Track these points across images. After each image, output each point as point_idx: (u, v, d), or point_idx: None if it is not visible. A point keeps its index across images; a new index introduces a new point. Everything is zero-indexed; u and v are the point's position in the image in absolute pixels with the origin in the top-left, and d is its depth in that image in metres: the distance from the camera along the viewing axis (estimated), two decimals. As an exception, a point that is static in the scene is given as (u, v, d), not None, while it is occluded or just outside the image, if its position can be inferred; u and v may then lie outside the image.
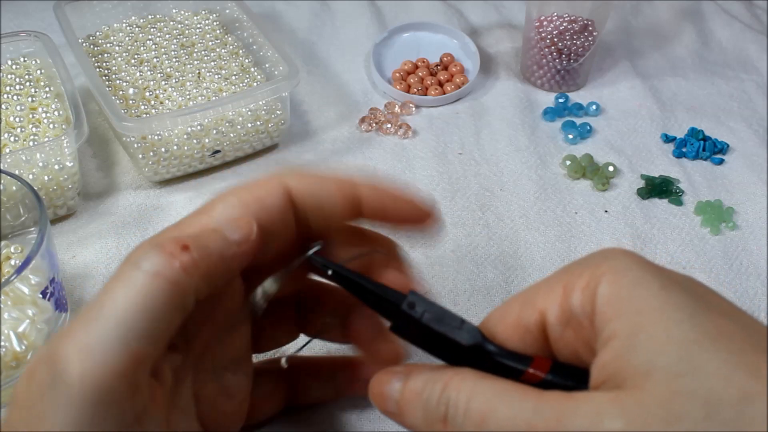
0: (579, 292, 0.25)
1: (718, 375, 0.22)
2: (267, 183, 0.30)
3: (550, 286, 0.27)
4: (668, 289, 0.24)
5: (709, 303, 0.25)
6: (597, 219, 0.53)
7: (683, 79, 0.66)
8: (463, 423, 0.25)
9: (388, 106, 0.60)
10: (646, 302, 0.24)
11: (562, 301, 0.26)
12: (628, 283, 0.25)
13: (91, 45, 0.58)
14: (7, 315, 0.38)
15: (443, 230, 0.30)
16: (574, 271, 0.26)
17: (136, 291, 0.25)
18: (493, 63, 0.66)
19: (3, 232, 0.45)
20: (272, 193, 0.30)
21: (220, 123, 0.52)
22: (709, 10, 0.75)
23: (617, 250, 0.27)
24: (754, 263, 0.50)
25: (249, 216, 0.29)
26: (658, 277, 0.25)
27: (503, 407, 0.25)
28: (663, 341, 0.23)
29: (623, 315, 0.24)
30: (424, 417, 0.27)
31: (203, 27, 0.61)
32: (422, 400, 0.27)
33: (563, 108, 0.61)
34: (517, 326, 0.27)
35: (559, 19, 0.60)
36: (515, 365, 0.26)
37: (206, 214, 0.30)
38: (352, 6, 0.72)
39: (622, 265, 0.25)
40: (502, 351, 0.27)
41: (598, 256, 0.27)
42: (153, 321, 0.25)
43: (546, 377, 0.26)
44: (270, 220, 0.30)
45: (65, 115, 0.51)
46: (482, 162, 0.57)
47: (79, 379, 0.24)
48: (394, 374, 0.29)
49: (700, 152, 0.58)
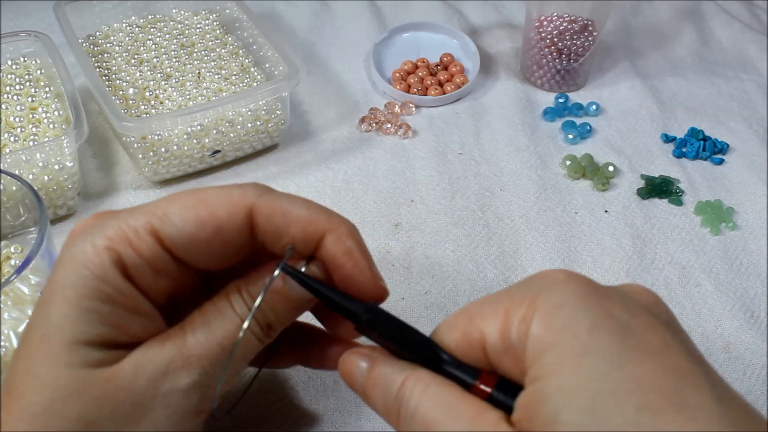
0: (516, 324, 0.26)
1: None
2: (230, 201, 0.30)
3: (493, 310, 0.27)
4: (596, 331, 0.24)
5: (637, 343, 0.24)
6: (597, 219, 0.53)
7: (683, 79, 0.66)
8: (410, 425, 0.27)
9: (388, 106, 0.60)
10: (570, 348, 0.24)
11: (501, 328, 0.26)
12: (556, 325, 0.25)
13: (91, 45, 0.58)
14: (7, 315, 0.38)
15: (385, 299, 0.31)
16: (516, 297, 0.26)
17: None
18: (493, 63, 0.66)
19: (3, 232, 0.45)
20: (232, 214, 0.29)
21: (220, 123, 0.52)
22: (709, 10, 0.75)
23: (559, 277, 0.26)
24: (754, 263, 0.50)
25: (202, 231, 0.29)
26: (591, 316, 0.25)
27: (444, 420, 0.26)
28: (573, 392, 0.23)
29: (546, 359, 0.24)
30: (384, 407, 0.28)
31: (203, 27, 0.61)
32: (383, 390, 0.28)
33: (563, 108, 0.61)
34: (462, 340, 0.28)
35: (559, 19, 0.60)
36: (464, 377, 0.27)
37: (159, 214, 0.29)
38: (352, 6, 0.72)
39: (556, 301, 0.25)
40: (453, 361, 0.28)
41: (539, 282, 0.27)
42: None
43: (492, 393, 0.27)
44: (222, 237, 0.29)
45: (65, 115, 0.51)
46: (482, 162, 0.57)
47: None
48: (361, 356, 0.30)
49: (700, 152, 0.58)
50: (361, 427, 0.39)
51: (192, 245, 0.29)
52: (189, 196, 0.30)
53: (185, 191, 0.30)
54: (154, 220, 0.29)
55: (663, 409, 0.22)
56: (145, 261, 0.29)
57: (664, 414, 0.22)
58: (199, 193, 0.30)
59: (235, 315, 0.30)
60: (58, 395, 0.27)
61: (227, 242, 0.30)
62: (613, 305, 0.25)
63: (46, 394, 0.27)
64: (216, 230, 0.29)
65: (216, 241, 0.29)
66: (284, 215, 0.29)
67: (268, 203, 0.29)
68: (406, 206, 0.53)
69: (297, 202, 0.30)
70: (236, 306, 0.30)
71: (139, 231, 0.29)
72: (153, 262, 0.29)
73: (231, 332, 0.29)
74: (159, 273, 0.29)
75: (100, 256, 0.28)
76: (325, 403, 0.40)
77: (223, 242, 0.29)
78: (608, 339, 0.24)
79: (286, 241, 0.30)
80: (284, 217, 0.29)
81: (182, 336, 0.29)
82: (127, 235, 0.28)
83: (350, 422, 0.40)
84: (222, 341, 0.29)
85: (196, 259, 0.30)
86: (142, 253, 0.29)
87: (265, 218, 0.29)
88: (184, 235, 0.29)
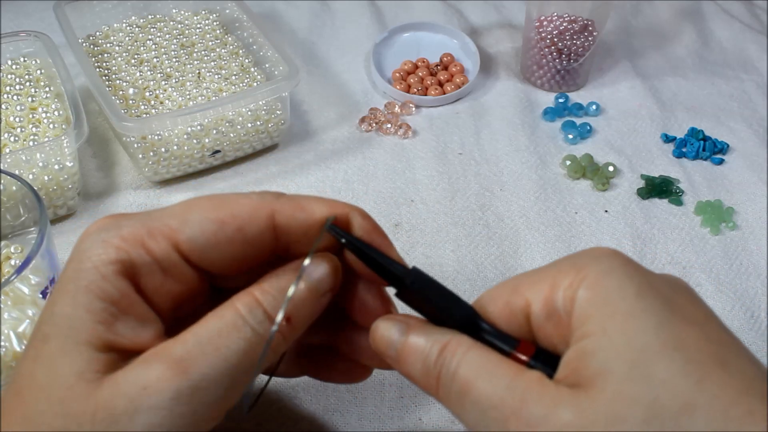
0: (562, 290, 0.27)
1: (665, 384, 0.24)
2: (251, 204, 0.30)
3: (539, 279, 0.28)
4: (642, 295, 0.26)
5: (681, 311, 0.26)
6: (597, 219, 0.53)
7: (683, 79, 0.66)
8: (450, 387, 0.27)
9: (388, 106, 0.60)
10: (618, 308, 0.25)
11: (547, 295, 0.27)
12: (605, 288, 0.26)
13: (91, 45, 0.58)
14: (7, 315, 0.38)
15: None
16: (562, 268, 0.28)
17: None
18: (493, 63, 0.66)
19: (3, 232, 0.45)
20: (253, 215, 0.30)
21: (220, 123, 0.52)
22: (709, 10, 0.75)
23: (605, 251, 0.28)
24: (754, 263, 0.50)
25: (223, 235, 0.29)
26: (637, 283, 0.26)
27: (482, 381, 0.26)
28: (622, 347, 0.25)
29: (594, 319, 0.26)
30: (423, 372, 0.28)
31: (203, 27, 0.61)
32: (423, 355, 0.28)
33: (563, 108, 0.61)
34: (505, 310, 0.29)
35: (559, 19, 0.60)
36: (502, 346, 0.28)
37: (178, 217, 0.30)
38: (352, 6, 0.72)
39: (604, 268, 0.27)
40: (492, 330, 0.29)
41: (586, 255, 0.28)
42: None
43: (530, 362, 0.28)
44: (243, 236, 0.30)
45: (65, 115, 0.51)
46: (482, 162, 0.57)
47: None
48: (395, 322, 0.30)
49: (700, 152, 0.58)
50: (362, 427, 0.39)
51: (212, 245, 0.29)
52: (209, 199, 0.30)
53: (203, 196, 0.30)
54: (172, 222, 0.29)
55: (708, 365, 0.24)
56: (155, 262, 0.29)
57: (708, 369, 0.24)
58: (218, 196, 0.30)
59: (237, 314, 0.28)
60: (53, 400, 0.26)
61: (248, 242, 0.30)
62: (656, 279, 0.27)
63: (41, 398, 0.26)
64: (237, 229, 0.29)
65: (237, 240, 0.29)
66: (304, 209, 0.30)
67: (287, 202, 0.30)
68: (406, 206, 0.53)
69: (312, 197, 0.31)
70: (239, 305, 0.29)
71: (154, 232, 0.29)
72: (164, 264, 0.29)
73: (230, 330, 0.28)
74: (168, 276, 0.29)
75: (108, 254, 0.28)
76: (325, 403, 0.40)
77: (243, 242, 0.29)
78: (654, 303, 0.25)
79: (312, 233, 0.30)
80: (305, 210, 0.30)
81: (174, 344, 0.28)
82: (141, 236, 0.29)
83: (350, 422, 0.40)
84: (214, 339, 0.28)
85: (213, 261, 0.30)
86: (153, 254, 0.28)
87: (287, 216, 0.30)
88: (204, 234, 0.29)
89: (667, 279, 0.28)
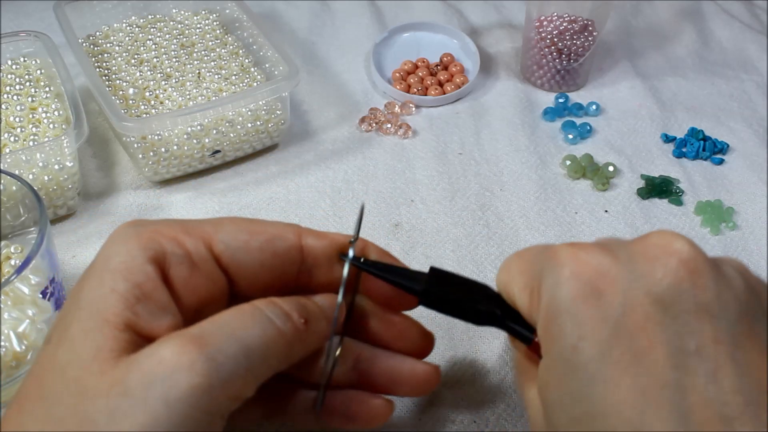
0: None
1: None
2: (282, 226, 0.33)
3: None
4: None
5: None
6: (597, 219, 0.53)
7: (683, 79, 0.66)
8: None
9: (388, 106, 0.60)
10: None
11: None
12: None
13: (91, 45, 0.58)
14: (7, 315, 0.38)
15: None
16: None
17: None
18: (493, 63, 0.66)
19: (3, 232, 0.45)
20: (283, 233, 0.32)
21: (220, 123, 0.52)
22: (709, 10, 0.75)
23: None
24: (754, 263, 0.50)
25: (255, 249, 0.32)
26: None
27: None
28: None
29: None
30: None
31: (203, 27, 0.61)
32: None
33: (563, 108, 0.61)
34: (524, 291, 0.31)
35: (559, 19, 0.60)
36: (524, 332, 0.30)
37: (213, 223, 0.32)
38: (352, 6, 0.72)
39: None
40: (515, 315, 0.31)
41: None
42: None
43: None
44: (273, 246, 0.32)
45: (65, 115, 0.51)
46: (482, 162, 0.57)
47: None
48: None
49: (700, 152, 0.58)
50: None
51: (243, 250, 0.31)
52: (241, 218, 0.33)
53: (236, 216, 0.33)
54: (207, 227, 0.31)
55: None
56: (186, 255, 0.30)
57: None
58: (247, 218, 0.33)
59: (255, 306, 0.29)
60: (70, 379, 0.26)
61: (277, 254, 0.32)
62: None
63: (59, 380, 0.26)
64: (268, 240, 0.32)
65: (267, 249, 0.31)
66: (326, 235, 0.33)
67: (309, 229, 0.33)
68: (406, 206, 0.53)
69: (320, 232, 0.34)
70: (257, 302, 0.29)
71: (190, 231, 0.30)
72: (194, 258, 0.30)
73: (246, 317, 0.28)
74: (196, 271, 0.30)
75: (140, 240, 0.29)
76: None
77: (273, 253, 0.32)
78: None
79: (333, 257, 0.33)
80: (327, 236, 0.33)
81: (190, 328, 0.28)
82: (176, 231, 0.30)
83: (350, 422, 0.39)
84: (231, 322, 0.28)
85: (243, 265, 0.31)
86: (185, 247, 0.30)
87: (313, 237, 0.33)
88: (237, 240, 0.31)
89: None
